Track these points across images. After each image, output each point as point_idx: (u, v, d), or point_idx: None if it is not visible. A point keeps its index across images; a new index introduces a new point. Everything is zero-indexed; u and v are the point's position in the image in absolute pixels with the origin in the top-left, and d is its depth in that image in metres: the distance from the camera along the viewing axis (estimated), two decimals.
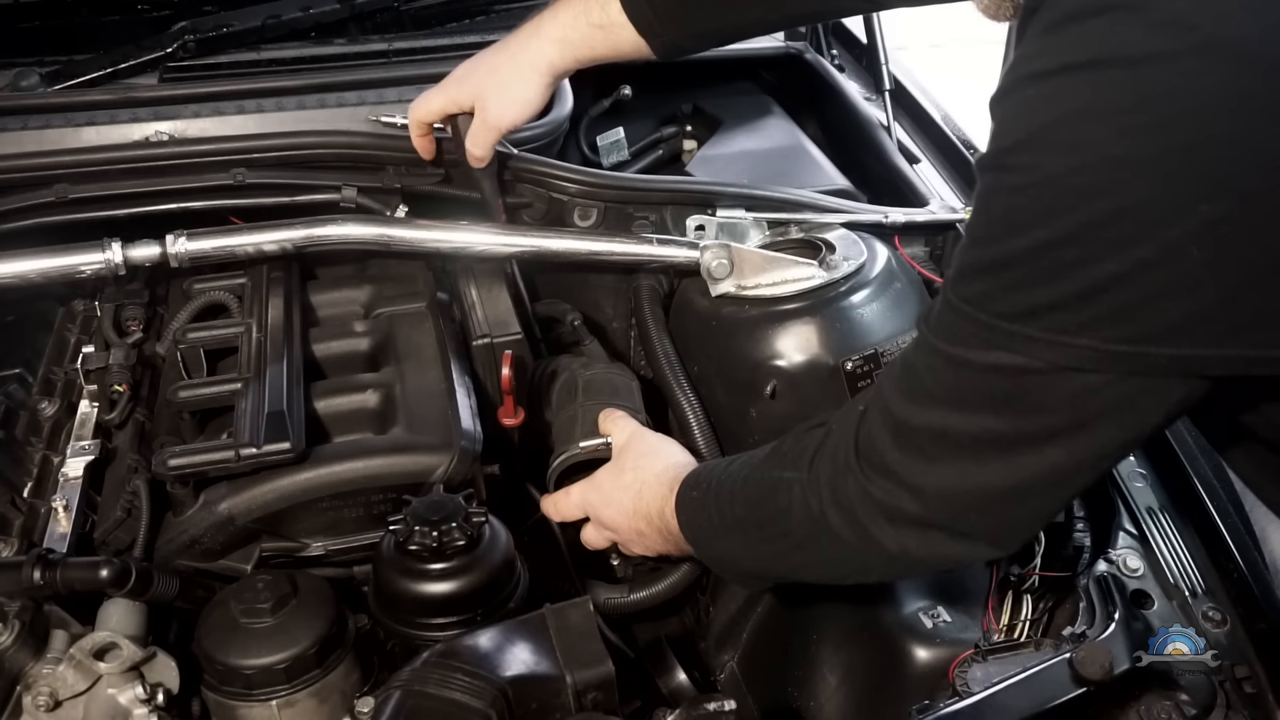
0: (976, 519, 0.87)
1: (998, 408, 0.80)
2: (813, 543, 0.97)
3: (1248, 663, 1.05)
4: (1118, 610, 1.06)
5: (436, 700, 0.95)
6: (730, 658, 1.37)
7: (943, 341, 0.81)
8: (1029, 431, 0.80)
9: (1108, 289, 0.70)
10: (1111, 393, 0.76)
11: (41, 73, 1.70)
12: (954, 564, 0.95)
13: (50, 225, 1.42)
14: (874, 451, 0.89)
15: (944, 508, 0.87)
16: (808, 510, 0.95)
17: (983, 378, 0.79)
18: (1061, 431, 0.79)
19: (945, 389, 0.83)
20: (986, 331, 0.77)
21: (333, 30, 1.86)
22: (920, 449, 0.86)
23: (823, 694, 1.21)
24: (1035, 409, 0.78)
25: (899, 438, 0.87)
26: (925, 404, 0.85)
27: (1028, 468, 0.82)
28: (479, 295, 1.43)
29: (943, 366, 0.82)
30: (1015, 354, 0.76)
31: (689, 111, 1.94)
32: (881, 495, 0.88)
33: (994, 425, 0.81)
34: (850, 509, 0.91)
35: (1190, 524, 1.19)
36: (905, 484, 0.87)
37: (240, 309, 1.36)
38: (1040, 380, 0.76)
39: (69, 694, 0.97)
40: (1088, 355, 0.73)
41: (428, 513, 1.09)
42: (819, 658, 1.22)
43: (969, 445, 0.83)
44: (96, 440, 1.25)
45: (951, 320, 0.80)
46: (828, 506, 0.93)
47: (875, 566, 0.97)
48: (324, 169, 1.50)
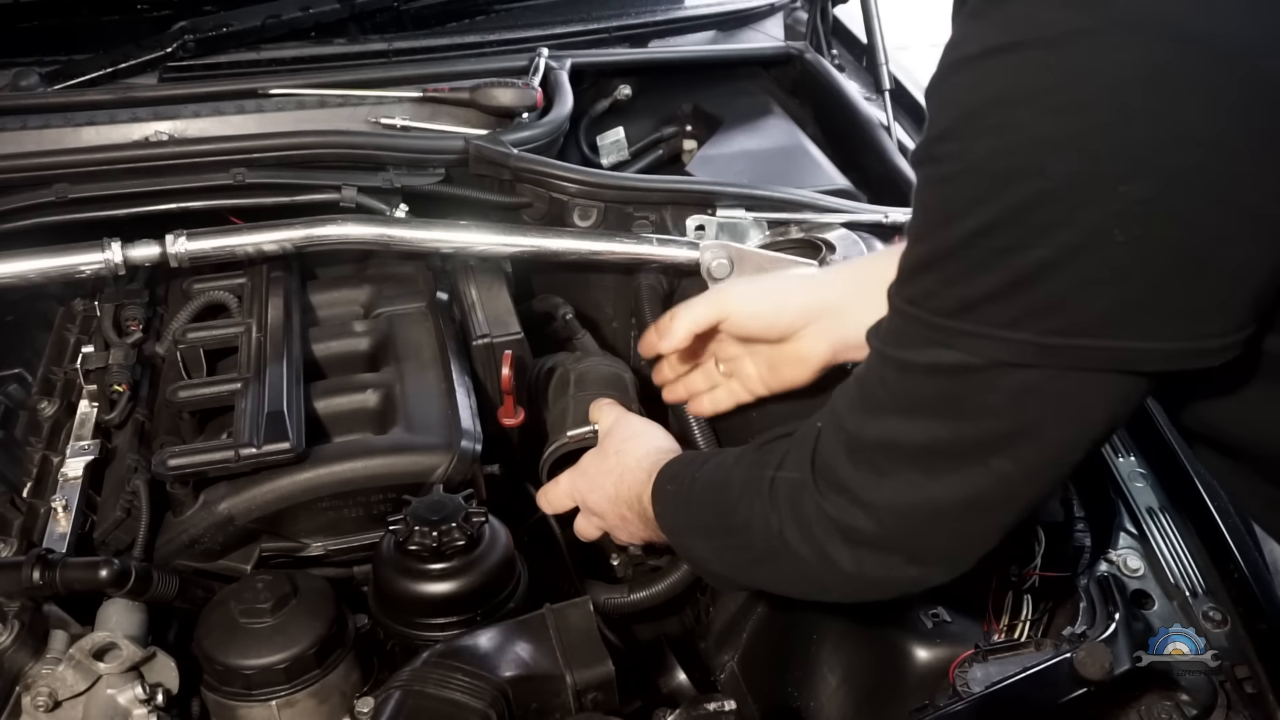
0: (930, 537, 0.86)
1: (942, 412, 0.78)
2: (773, 559, 0.95)
3: (1248, 663, 1.05)
4: (1118, 610, 1.06)
5: (436, 700, 0.95)
6: (730, 658, 1.37)
7: (889, 347, 0.81)
8: (973, 438, 0.78)
9: (1037, 277, 0.69)
10: (1051, 390, 0.74)
11: (41, 73, 1.70)
12: (911, 587, 0.91)
13: (50, 225, 1.41)
14: (828, 468, 0.87)
15: (897, 526, 0.85)
16: (768, 528, 0.93)
17: (927, 380, 0.78)
18: (1006, 436, 0.77)
19: (892, 396, 0.82)
20: (927, 329, 0.76)
21: (333, 30, 1.87)
22: (872, 463, 0.84)
23: (823, 694, 1.20)
24: (978, 412, 0.77)
25: (852, 452, 0.85)
26: (875, 414, 0.83)
27: (976, 480, 0.80)
28: (479, 295, 1.43)
29: (890, 373, 0.81)
30: (954, 350, 0.75)
31: (689, 111, 1.94)
32: (836, 513, 0.87)
33: (939, 433, 0.79)
34: (807, 527, 0.89)
35: (1190, 524, 1.19)
36: (859, 500, 0.85)
37: (240, 309, 1.36)
38: (980, 379, 0.75)
39: (68, 694, 0.97)
40: (1024, 349, 0.72)
41: (427, 513, 1.09)
42: (819, 658, 1.22)
43: (918, 456, 0.81)
44: (96, 440, 1.25)
45: (896, 323, 0.79)
46: (786, 524, 0.91)
47: (833, 586, 0.95)
48: (324, 169, 1.50)
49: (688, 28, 2.04)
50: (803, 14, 2.14)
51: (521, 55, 1.80)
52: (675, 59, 2.00)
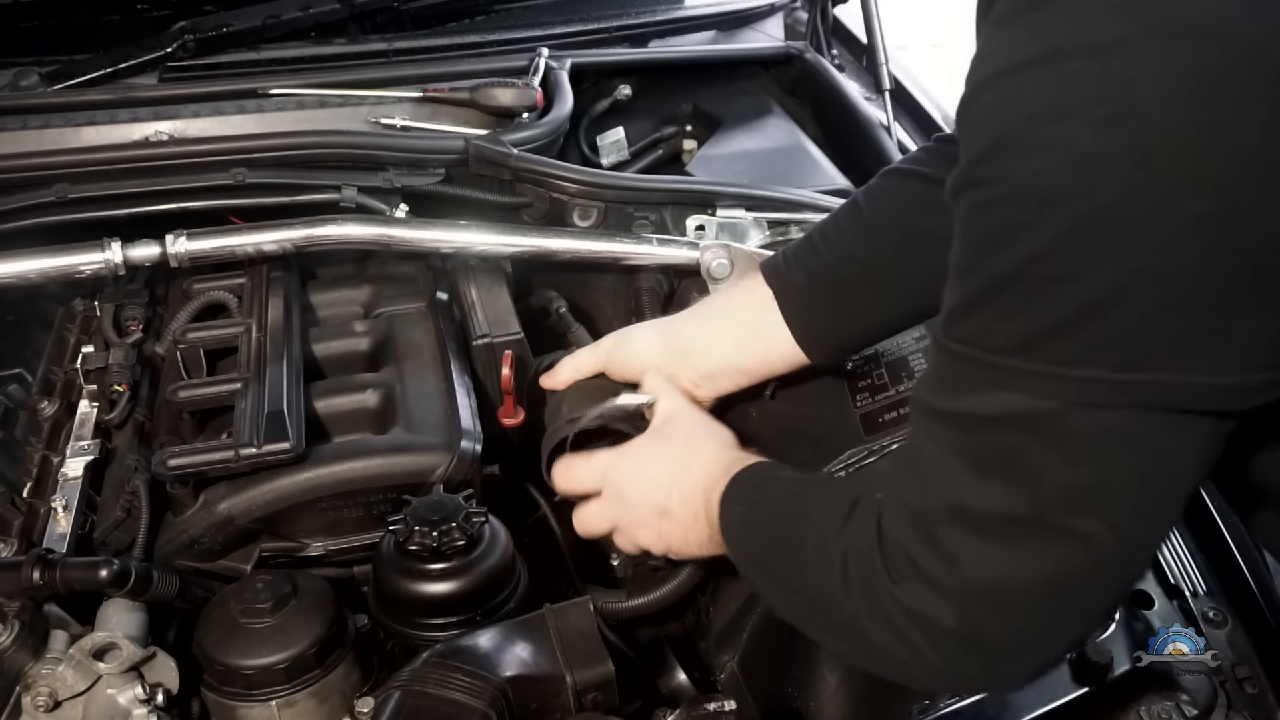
0: (1017, 626, 0.75)
1: (1011, 471, 0.70)
2: (852, 642, 0.85)
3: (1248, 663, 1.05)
4: (1118, 610, 1.06)
5: (436, 700, 0.95)
6: (730, 658, 1.37)
7: (942, 399, 0.73)
8: (1052, 498, 0.69)
9: (1103, 305, 0.64)
10: (1132, 434, 0.66)
11: (41, 73, 1.70)
12: (1013, 685, 0.84)
13: (50, 225, 1.41)
14: (896, 549, 0.77)
15: (981, 615, 0.74)
16: (843, 611, 0.82)
17: (991, 432, 0.70)
18: (1088, 492, 0.69)
19: (952, 456, 0.73)
20: (987, 370, 0.69)
21: (333, 30, 1.86)
22: (942, 541, 0.74)
23: (823, 694, 1.20)
24: (1054, 466, 0.68)
25: (919, 530, 0.76)
26: (935, 481, 0.74)
27: (1061, 550, 0.70)
28: (479, 295, 1.43)
29: (946, 430, 0.73)
30: (1020, 393, 0.67)
31: (689, 111, 1.94)
32: (913, 603, 0.76)
33: (1012, 496, 0.70)
34: (887, 619, 0.79)
35: (1190, 524, 1.19)
36: (935, 586, 0.75)
37: (240, 309, 1.36)
38: (1052, 425, 0.67)
39: (68, 694, 0.97)
40: (1097, 388, 0.65)
41: (427, 513, 1.08)
42: (819, 658, 1.22)
43: (990, 528, 0.72)
44: (96, 440, 1.25)
45: (947, 368, 0.72)
46: (862, 612, 0.80)
47: (929, 683, 0.87)
48: (324, 169, 1.50)
49: (688, 28, 2.04)
50: (803, 14, 2.14)
51: (521, 55, 1.80)
52: (675, 59, 2.00)
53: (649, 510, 1.10)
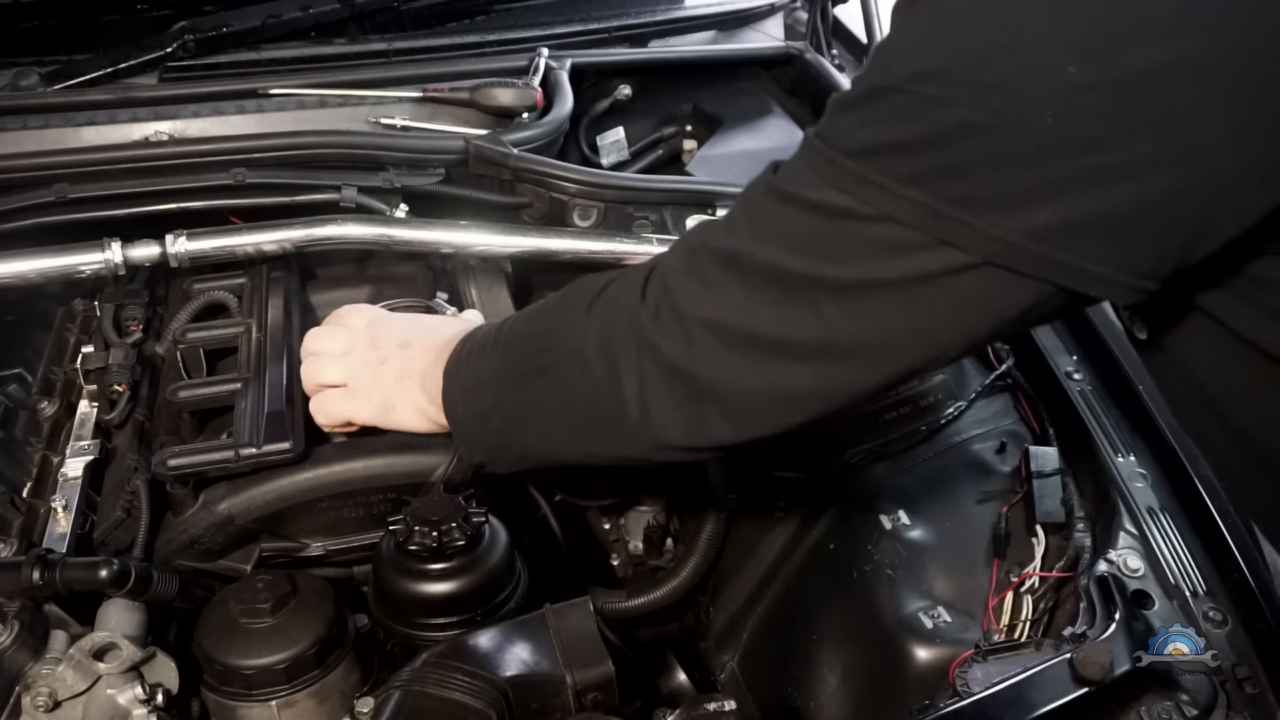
0: (728, 371, 0.78)
1: (798, 245, 0.73)
2: (559, 368, 0.88)
3: (1248, 663, 1.05)
4: (1118, 610, 1.06)
5: (436, 700, 0.95)
6: (730, 658, 1.37)
7: (780, 179, 0.75)
8: (816, 277, 0.72)
9: (954, 138, 0.65)
10: (915, 263, 0.69)
11: (41, 72, 1.70)
12: (687, 440, 0.83)
13: (50, 225, 1.41)
14: (659, 275, 0.82)
15: (701, 346, 0.78)
16: (570, 336, 0.87)
17: (803, 215, 0.73)
18: (850, 287, 0.72)
19: (758, 222, 0.76)
20: (827, 165, 0.71)
21: (333, 30, 1.86)
22: (705, 273, 0.78)
23: (823, 694, 1.20)
24: (836, 257, 0.71)
25: (690, 260, 0.80)
26: (729, 233, 0.78)
27: (799, 321, 0.74)
28: (479, 295, 1.43)
29: (769, 203, 0.76)
30: (845, 194, 0.70)
31: (689, 111, 1.94)
32: (647, 320, 0.80)
33: (785, 261, 0.73)
34: (610, 333, 0.83)
35: (1190, 524, 1.19)
36: (675, 308, 0.79)
37: (240, 309, 1.36)
38: (856, 227, 0.70)
39: (68, 694, 0.97)
40: (915, 209, 0.67)
41: (428, 513, 1.08)
42: (819, 658, 1.22)
43: (752, 278, 0.75)
44: (96, 440, 1.25)
45: (798, 158, 0.74)
46: (589, 332, 0.85)
47: (607, 418, 0.85)
48: (324, 169, 1.50)
49: (688, 28, 2.04)
50: (803, 14, 2.14)
51: (521, 55, 1.80)
52: (675, 59, 2.00)
53: (391, 346, 1.11)
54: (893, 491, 1.31)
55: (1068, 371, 1.39)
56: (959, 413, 1.38)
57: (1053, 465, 1.27)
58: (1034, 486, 1.24)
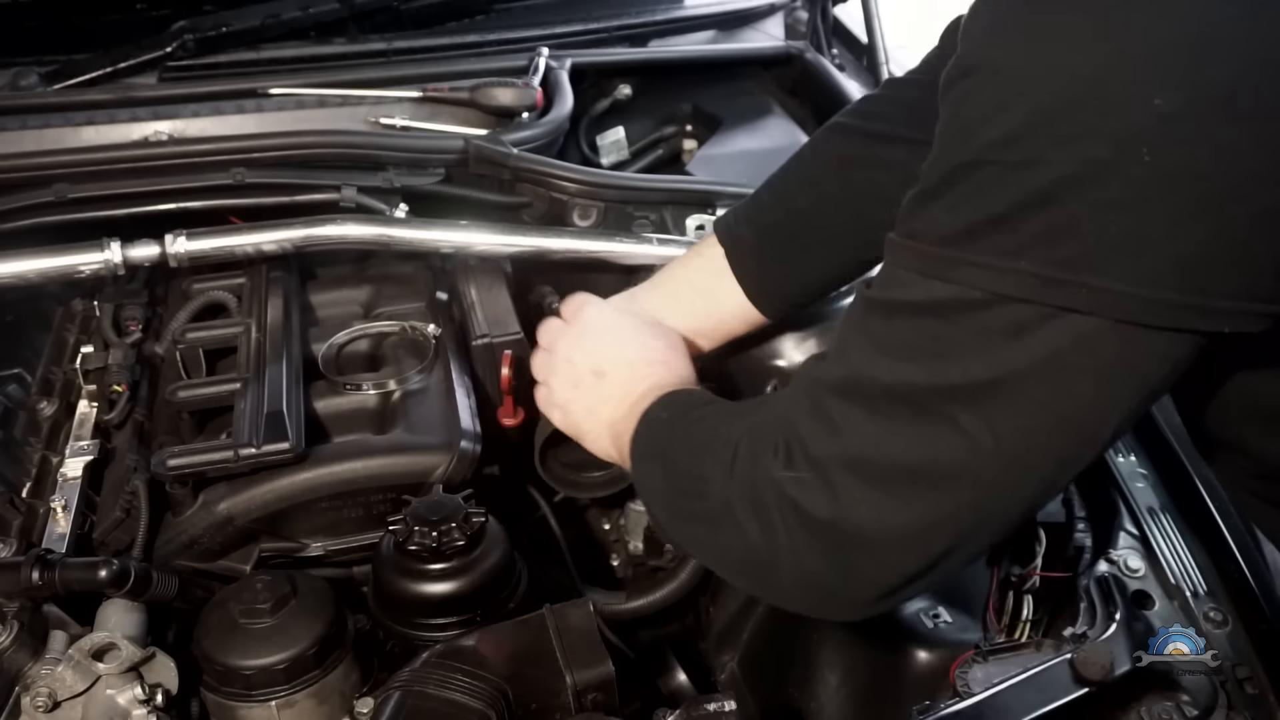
0: (877, 515, 0.72)
1: (919, 354, 0.68)
2: (716, 522, 0.83)
3: (1248, 663, 1.05)
4: (1118, 610, 1.06)
5: (436, 700, 0.95)
6: (730, 658, 1.37)
7: (877, 289, 0.72)
8: (946, 385, 0.67)
9: (1050, 198, 0.62)
10: (1042, 340, 0.64)
11: (41, 72, 1.70)
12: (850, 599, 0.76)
13: (50, 225, 1.41)
14: (786, 422, 0.76)
15: (845, 490, 0.71)
16: (717, 496, 0.82)
17: (913, 320, 0.68)
18: (983, 387, 0.66)
19: (866, 340, 0.72)
20: (923, 262, 0.67)
21: (332, 30, 1.87)
22: (829, 413, 0.73)
23: (823, 694, 1.20)
24: (958, 355, 0.67)
25: (813, 403, 0.74)
26: (839, 362, 0.74)
27: (939, 438, 0.68)
28: (478, 295, 1.43)
29: (874, 319, 0.72)
30: (950, 284, 0.66)
31: (689, 111, 1.94)
32: (783, 477, 0.75)
33: (912, 376, 0.68)
34: (756, 493, 0.77)
35: (1191, 524, 1.19)
36: (808, 456, 0.73)
37: (240, 309, 1.36)
38: (973, 318, 0.65)
39: (68, 695, 0.97)
40: (1023, 281, 0.63)
41: (427, 513, 1.08)
42: (819, 658, 1.22)
43: (877, 399, 0.70)
44: (95, 440, 1.25)
45: (889, 264, 0.71)
46: (736, 487, 0.80)
47: (773, 571, 0.79)
48: (324, 169, 1.50)
49: (688, 28, 2.05)
50: (803, 14, 2.14)
51: (521, 55, 1.80)
52: (675, 59, 2.00)
53: (586, 368, 1.09)
54: None
55: None
56: None
57: None
58: None
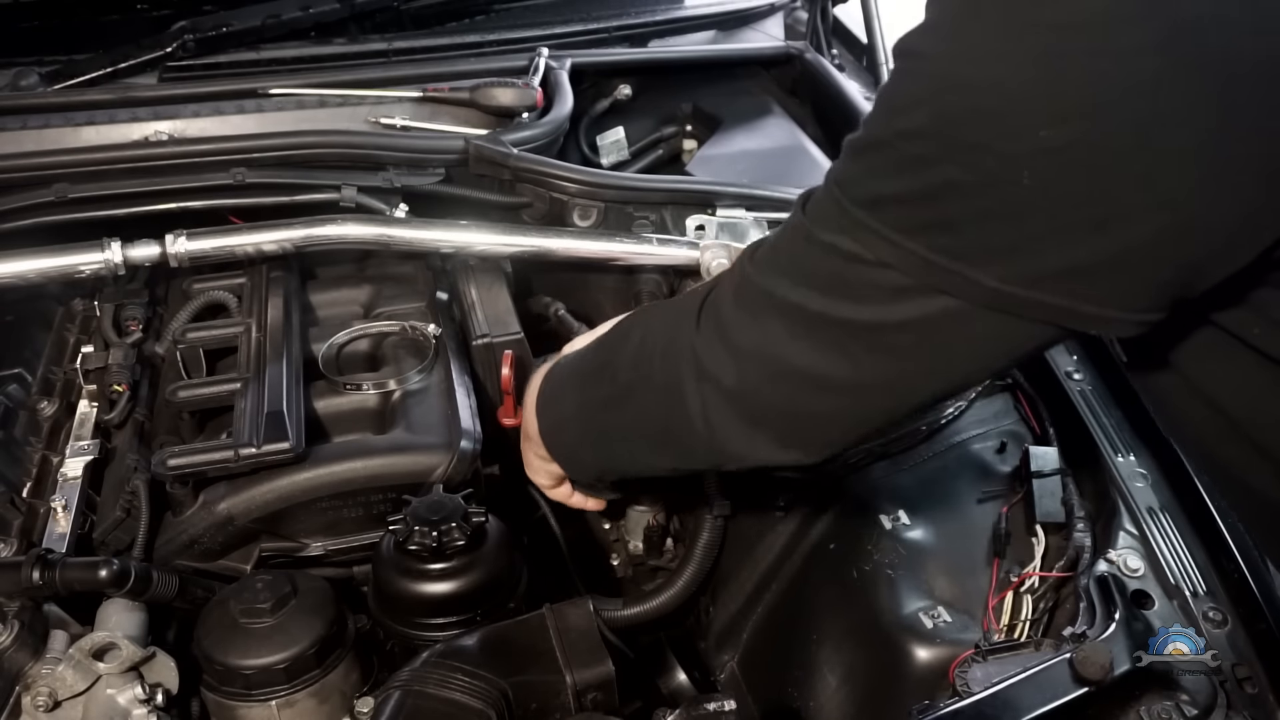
0: (773, 397, 0.86)
1: (821, 286, 0.80)
2: (631, 397, 0.97)
3: (1248, 663, 1.05)
4: (1118, 610, 1.06)
5: (436, 700, 0.95)
6: (730, 658, 1.37)
7: (808, 217, 0.82)
8: (839, 318, 0.79)
9: (942, 195, 0.70)
10: (920, 308, 0.74)
11: (41, 72, 1.70)
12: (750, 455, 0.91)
13: (50, 225, 1.41)
14: (714, 304, 0.90)
15: (749, 372, 0.86)
16: (638, 365, 0.95)
17: (822, 256, 0.79)
18: (867, 329, 0.78)
19: (790, 258, 0.84)
20: (839, 213, 0.77)
21: (333, 30, 1.87)
22: (751, 306, 0.86)
23: (823, 694, 1.20)
24: (852, 298, 0.78)
25: (738, 292, 0.88)
26: (770, 266, 0.86)
27: (828, 356, 0.81)
28: (478, 295, 1.43)
29: (798, 240, 0.83)
30: (855, 240, 0.76)
31: (689, 111, 1.94)
32: (703, 348, 0.88)
33: (812, 302, 0.81)
34: (673, 360, 0.91)
35: (1190, 524, 1.19)
36: (725, 338, 0.87)
37: (240, 309, 1.36)
38: (865, 272, 0.76)
39: (68, 694, 0.97)
40: (911, 259, 0.72)
41: (427, 513, 1.09)
42: (819, 658, 1.22)
43: (787, 313, 0.82)
44: (96, 440, 1.25)
45: (820, 198, 0.81)
46: (654, 358, 0.93)
47: (681, 432, 0.93)
48: (324, 169, 1.50)
49: (688, 28, 2.05)
50: (803, 14, 2.14)
51: (521, 55, 1.80)
52: (675, 59, 2.00)
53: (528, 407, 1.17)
54: (893, 491, 1.31)
55: (1068, 371, 1.39)
56: (959, 413, 1.38)
57: (1053, 465, 1.27)
58: (1034, 486, 1.24)
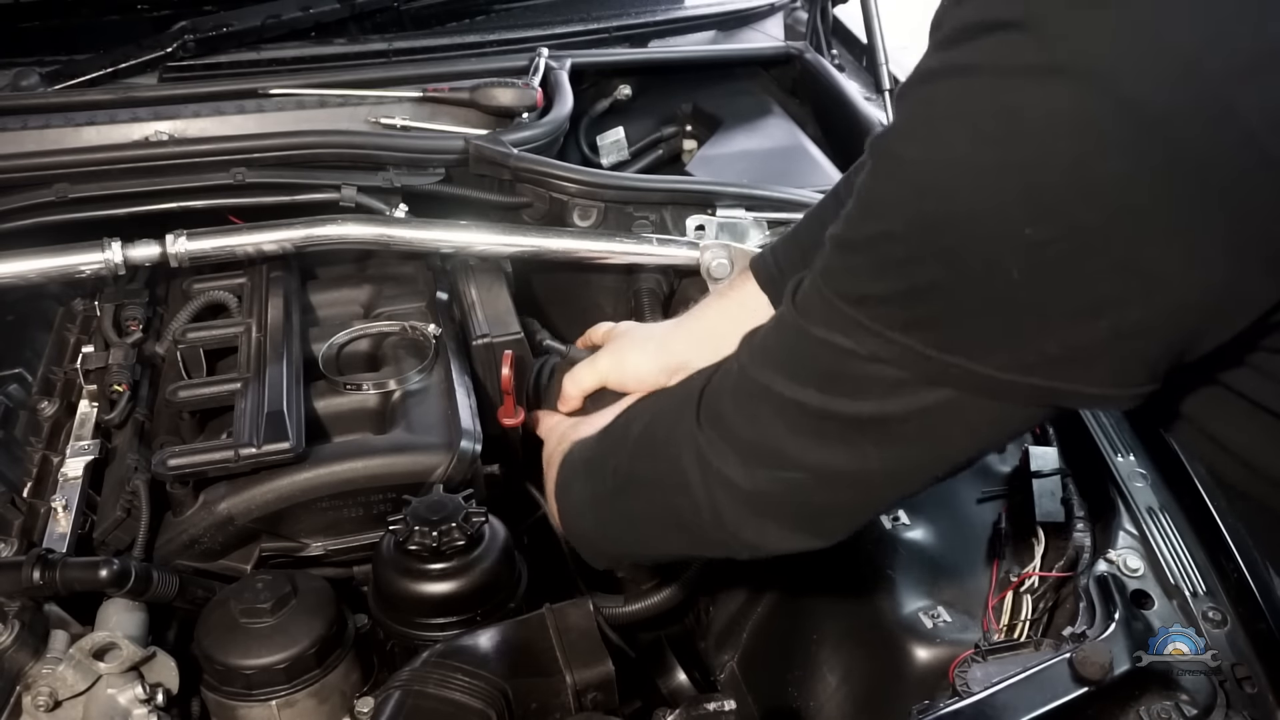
0: (783, 494, 0.88)
1: (820, 383, 0.81)
2: (638, 490, 0.99)
3: (1248, 663, 1.05)
4: (1118, 610, 1.06)
5: (436, 700, 0.95)
6: (730, 658, 1.37)
7: (799, 312, 0.83)
8: (838, 413, 0.81)
9: (929, 294, 0.72)
10: (920, 399, 0.76)
11: (41, 73, 1.70)
12: (774, 548, 0.92)
13: (50, 225, 1.42)
14: (713, 396, 0.91)
15: (756, 472, 0.87)
16: (640, 462, 0.98)
17: (818, 351, 0.80)
18: (870, 424, 0.80)
19: (785, 352, 0.85)
20: (828, 309, 0.78)
21: (333, 30, 1.87)
22: (749, 404, 0.87)
23: (823, 694, 1.20)
24: (850, 393, 0.79)
25: (736, 390, 0.89)
26: (766, 362, 0.87)
27: (833, 451, 0.83)
28: (478, 295, 1.43)
29: (789, 334, 0.84)
30: (847, 336, 0.77)
31: (689, 111, 1.94)
32: (707, 447, 0.90)
33: (812, 399, 0.82)
34: (678, 450, 0.92)
35: (1190, 524, 1.19)
36: (729, 435, 0.88)
37: (240, 309, 1.36)
38: (860, 367, 0.77)
39: (69, 694, 0.97)
40: (905, 354, 0.74)
41: (427, 513, 1.09)
42: (819, 658, 1.22)
43: (787, 411, 0.84)
44: (96, 440, 1.25)
45: (809, 292, 0.82)
46: (659, 458, 0.95)
47: (706, 530, 0.94)
48: (324, 169, 1.50)
49: (688, 28, 2.05)
50: (803, 14, 2.14)
51: (521, 55, 1.80)
52: (675, 59, 2.00)
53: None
54: None
55: None
56: None
57: (1053, 465, 1.27)
58: (1034, 486, 1.24)
